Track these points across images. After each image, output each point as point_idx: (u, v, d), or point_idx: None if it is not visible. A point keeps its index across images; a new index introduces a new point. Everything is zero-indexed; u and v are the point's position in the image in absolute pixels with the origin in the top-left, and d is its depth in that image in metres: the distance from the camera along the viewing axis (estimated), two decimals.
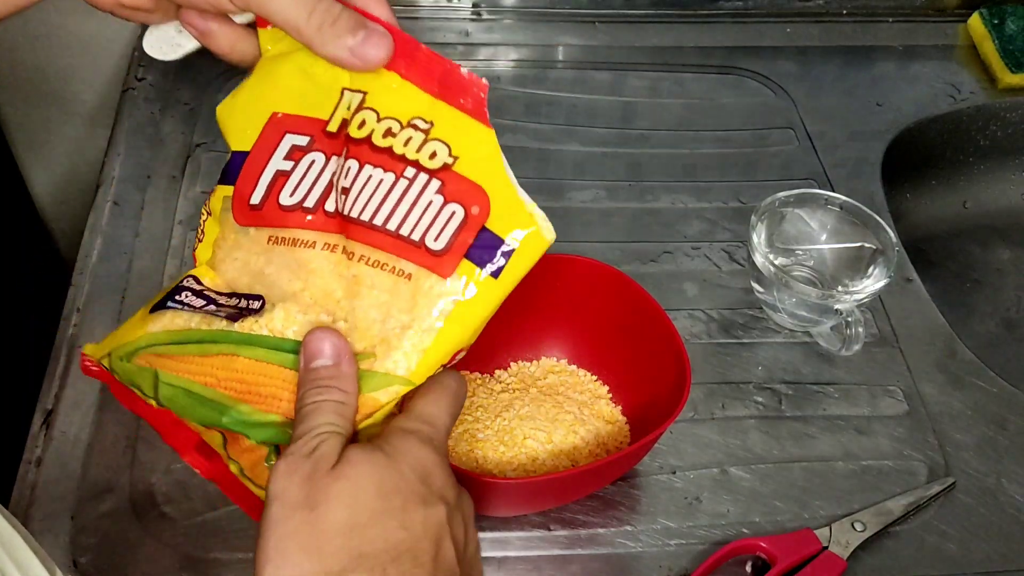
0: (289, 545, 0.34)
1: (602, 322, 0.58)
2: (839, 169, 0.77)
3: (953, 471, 0.59)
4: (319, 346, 0.38)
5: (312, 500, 0.35)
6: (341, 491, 0.35)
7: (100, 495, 0.53)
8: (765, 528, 0.56)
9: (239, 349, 0.39)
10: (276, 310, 0.40)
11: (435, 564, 0.36)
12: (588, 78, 0.82)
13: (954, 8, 0.93)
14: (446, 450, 0.40)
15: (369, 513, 0.35)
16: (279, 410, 0.39)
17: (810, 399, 0.62)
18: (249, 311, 0.40)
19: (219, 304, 0.41)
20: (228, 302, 0.41)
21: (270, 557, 0.34)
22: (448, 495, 0.38)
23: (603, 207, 0.73)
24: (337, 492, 0.35)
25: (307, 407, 0.37)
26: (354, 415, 0.38)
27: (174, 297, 0.42)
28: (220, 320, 0.40)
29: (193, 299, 0.42)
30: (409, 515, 0.36)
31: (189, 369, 0.40)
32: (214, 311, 0.41)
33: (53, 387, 0.58)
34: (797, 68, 0.86)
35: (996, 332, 0.81)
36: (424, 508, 0.36)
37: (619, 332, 0.57)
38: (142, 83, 0.77)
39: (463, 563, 0.38)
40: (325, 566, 0.34)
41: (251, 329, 0.39)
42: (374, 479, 0.36)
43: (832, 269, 0.66)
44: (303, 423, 0.37)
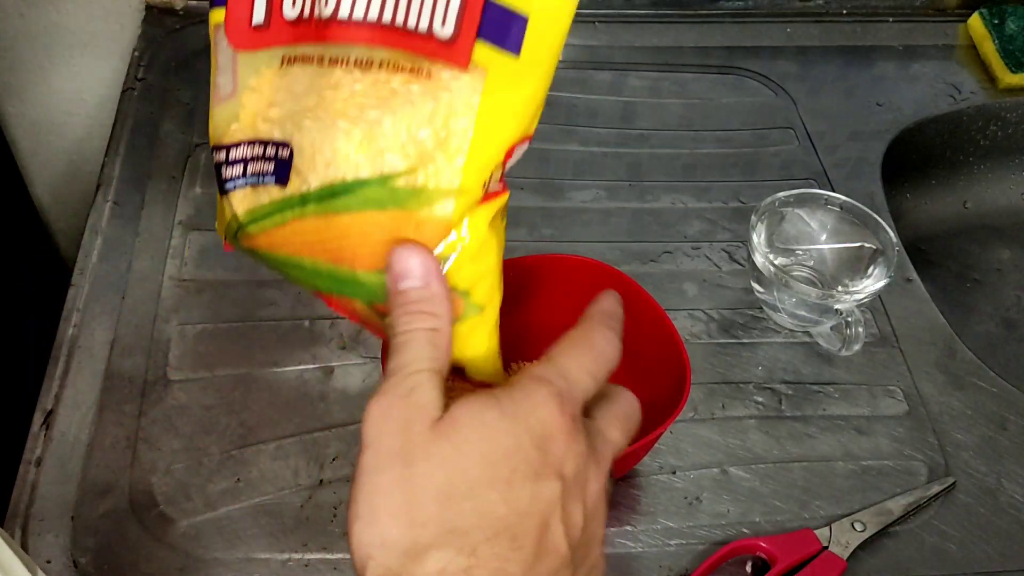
0: (379, 504, 0.31)
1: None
2: (839, 169, 0.77)
3: (953, 471, 0.59)
4: (405, 265, 0.35)
5: (408, 455, 0.32)
6: (441, 453, 0.32)
7: (100, 495, 0.53)
8: (765, 528, 0.56)
9: (303, 211, 0.37)
10: (307, 154, 0.37)
11: (538, 548, 0.32)
12: (588, 78, 0.82)
13: (954, 8, 0.93)
14: (577, 415, 0.35)
15: (469, 483, 0.31)
16: (365, 265, 0.36)
17: (810, 399, 0.62)
18: (285, 164, 0.38)
19: (259, 171, 0.39)
20: (263, 166, 0.39)
21: (359, 513, 0.32)
22: (567, 468, 0.33)
23: (603, 207, 0.73)
24: (437, 453, 0.32)
25: (399, 337, 0.34)
26: (449, 343, 0.35)
27: (223, 184, 0.40)
28: (272, 188, 0.38)
29: (236, 173, 0.40)
30: (515, 489, 0.32)
31: (271, 243, 0.39)
32: (258, 178, 0.39)
33: (53, 387, 0.58)
34: (797, 68, 0.86)
35: (996, 332, 0.81)
36: (534, 483, 0.32)
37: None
38: (142, 83, 0.77)
39: (577, 549, 0.33)
40: (412, 536, 0.31)
41: (300, 189, 0.37)
42: (481, 445, 0.32)
43: (832, 269, 0.66)
44: (396, 357, 0.34)
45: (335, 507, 0.54)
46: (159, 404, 0.57)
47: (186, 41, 0.81)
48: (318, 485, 0.55)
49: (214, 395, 0.58)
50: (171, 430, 0.56)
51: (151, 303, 0.62)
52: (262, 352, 0.60)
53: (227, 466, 0.55)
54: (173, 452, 0.55)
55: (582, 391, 0.35)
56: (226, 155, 0.40)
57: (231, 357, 0.60)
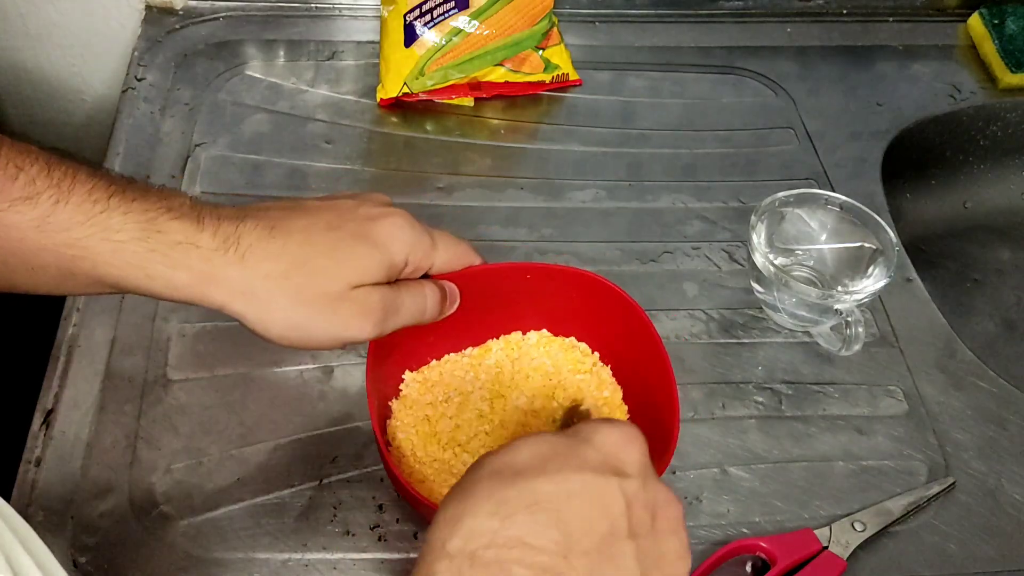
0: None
1: (603, 336, 0.58)
2: (839, 169, 0.77)
3: (953, 471, 0.59)
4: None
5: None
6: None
7: (100, 495, 0.53)
8: (765, 528, 0.56)
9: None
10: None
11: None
12: (588, 78, 0.82)
13: (954, 8, 0.93)
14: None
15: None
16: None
17: (810, 399, 0.62)
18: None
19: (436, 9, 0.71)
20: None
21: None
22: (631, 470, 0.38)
23: (603, 207, 0.73)
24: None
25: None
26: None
27: (413, 30, 0.73)
28: (453, 16, 0.74)
29: (421, 23, 0.74)
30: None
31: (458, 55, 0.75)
32: (443, 15, 0.73)
33: (53, 387, 0.58)
34: (797, 68, 0.86)
35: (996, 332, 0.81)
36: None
37: (616, 349, 0.57)
38: (142, 83, 0.77)
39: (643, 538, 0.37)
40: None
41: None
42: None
43: (832, 269, 0.66)
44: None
45: (335, 507, 0.54)
46: (159, 404, 0.57)
47: (186, 41, 0.81)
48: (318, 485, 0.55)
49: (214, 395, 0.58)
50: (171, 430, 0.56)
51: (151, 303, 0.62)
52: (262, 352, 0.60)
53: (227, 466, 0.55)
54: (173, 452, 0.55)
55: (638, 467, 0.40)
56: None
57: (231, 357, 0.60)
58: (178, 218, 0.44)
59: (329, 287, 0.45)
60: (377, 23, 0.82)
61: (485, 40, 0.76)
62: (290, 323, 0.45)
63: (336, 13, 0.85)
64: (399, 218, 0.48)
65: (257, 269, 0.44)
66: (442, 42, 0.75)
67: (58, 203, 0.42)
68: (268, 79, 0.78)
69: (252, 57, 0.80)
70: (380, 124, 0.77)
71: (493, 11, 0.75)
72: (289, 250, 0.45)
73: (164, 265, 0.43)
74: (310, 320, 0.45)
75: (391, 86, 0.76)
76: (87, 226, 0.42)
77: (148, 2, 0.83)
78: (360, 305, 0.46)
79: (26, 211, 0.41)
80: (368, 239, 0.47)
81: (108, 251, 0.43)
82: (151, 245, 0.43)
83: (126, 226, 0.43)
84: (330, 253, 0.46)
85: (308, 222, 0.46)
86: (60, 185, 0.42)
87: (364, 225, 0.47)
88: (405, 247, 0.48)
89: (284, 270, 0.45)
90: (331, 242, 0.46)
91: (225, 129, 0.74)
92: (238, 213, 0.46)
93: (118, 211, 0.43)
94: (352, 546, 0.53)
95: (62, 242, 0.42)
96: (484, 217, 0.70)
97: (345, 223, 0.47)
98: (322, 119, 0.76)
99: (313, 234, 0.46)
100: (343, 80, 0.79)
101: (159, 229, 0.43)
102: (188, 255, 0.43)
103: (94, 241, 0.42)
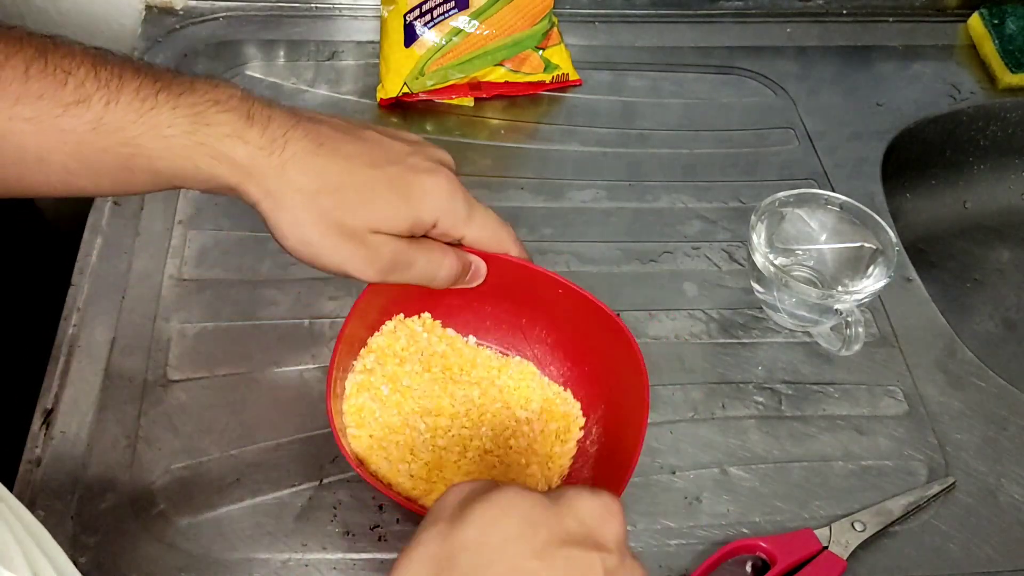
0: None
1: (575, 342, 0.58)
2: (839, 169, 0.77)
3: (953, 471, 0.59)
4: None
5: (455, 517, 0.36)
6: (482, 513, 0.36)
7: (100, 495, 0.53)
8: (765, 528, 0.56)
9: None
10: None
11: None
12: (588, 78, 0.82)
13: (954, 8, 0.93)
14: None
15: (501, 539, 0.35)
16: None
17: (810, 399, 0.62)
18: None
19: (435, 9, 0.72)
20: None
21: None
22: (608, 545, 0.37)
23: (603, 207, 0.73)
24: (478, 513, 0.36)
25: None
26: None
27: (413, 30, 0.72)
28: (453, 16, 0.74)
29: (421, 23, 0.74)
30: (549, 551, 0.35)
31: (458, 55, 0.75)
32: (443, 15, 0.72)
33: (53, 387, 0.58)
34: (797, 68, 0.86)
35: (996, 332, 0.81)
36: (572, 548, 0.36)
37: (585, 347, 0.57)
38: None
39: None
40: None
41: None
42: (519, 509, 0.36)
43: (832, 269, 0.66)
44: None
45: (335, 507, 0.54)
46: (159, 404, 0.57)
47: (186, 41, 0.81)
48: (318, 485, 0.55)
49: (214, 395, 0.58)
50: (171, 430, 0.56)
51: (151, 302, 0.62)
52: (262, 352, 0.60)
53: (227, 466, 0.55)
54: (173, 452, 0.55)
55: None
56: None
57: (231, 357, 0.60)
58: (227, 111, 0.44)
59: (349, 222, 0.46)
60: (377, 23, 0.82)
61: (485, 40, 0.76)
62: (304, 238, 0.46)
63: (336, 13, 0.85)
64: (443, 179, 0.48)
65: (293, 181, 0.45)
66: (442, 42, 0.75)
67: (109, 104, 0.42)
68: (268, 79, 0.78)
69: (252, 57, 0.80)
70: (380, 124, 0.77)
71: (493, 11, 0.75)
72: (327, 173, 0.46)
73: (210, 157, 0.44)
74: (321, 242, 0.46)
75: (391, 86, 0.76)
76: (139, 124, 0.43)
77: (148, 2, 0.83)
78: (371, 250, 0.47)
79: (80, 114, 0.42)
80: (403, 190, 0.47)
81: (161, 147, 0.43)
82: (199, 138, 0.44)
83: (176, 120, 0.43)
84: (362, 190, 0.46)
85: (356, 151, 0.47)
86: (109, 85, 0.43)
87: (406, 174, 0.47)
88: (437, 209, 0.48)
89: (316, 190, 0.45)
90: (367, 180, 0.46)
91: None
92: (291, 116, 0.46)
93: (167, 106, 0.43)
94: (352, 546, 0.53)
95: (118, 141, 0.43)
96: None
97: (389, 166, 0.47)
98: None
99: (355, 165, 0.46)
100: (343, 80, 0.79)
101: (207, 122, 0.44)
102: (234, 149, 0.44)
103: (147, 138, 0.43)
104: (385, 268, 0.47)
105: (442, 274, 0.50)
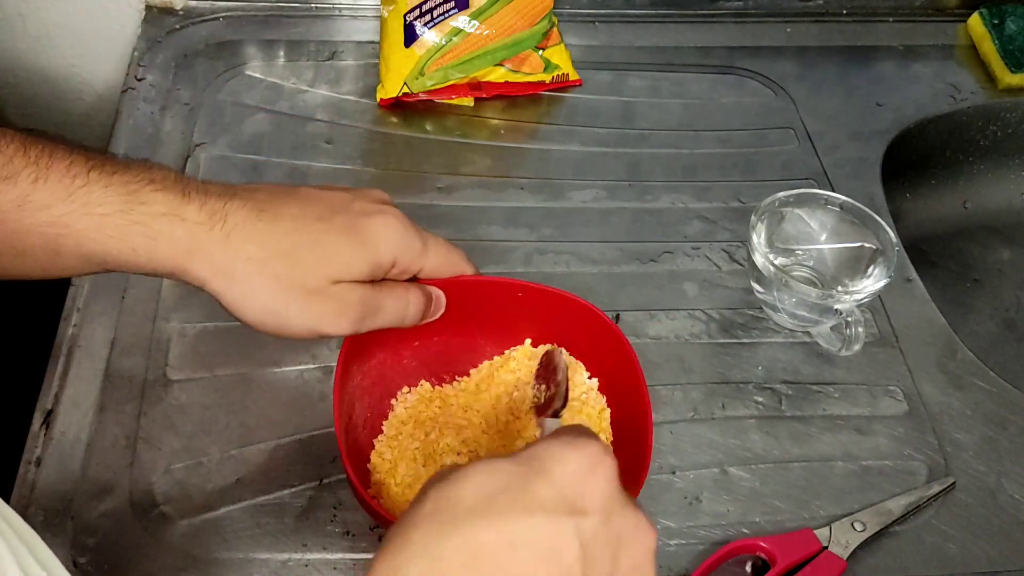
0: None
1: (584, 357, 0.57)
2: (839, 169, 0.77)
3: (953, 471, 0.59)
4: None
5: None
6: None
7: (100, 495, 0.53)
8: (765, 528, 0.56)
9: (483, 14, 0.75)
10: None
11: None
12: (588, 78, 0.82)
13: (954, 8, 0.93)
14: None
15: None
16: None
17: (810, 399, 0.62)
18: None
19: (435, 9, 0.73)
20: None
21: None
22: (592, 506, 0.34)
23: (603, 207, 0.73)
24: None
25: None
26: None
27: (413, 30, 0.73)
28: (453, 16, 0.74)
29: (421, 23, 0.74)
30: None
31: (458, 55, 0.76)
32: (443, 15, 0.73)
33: (53, 387, 0.58)
34: (797, 68, 0.86)
35: (996, 332, 0.81)
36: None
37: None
38: (142, 83, 0.77)
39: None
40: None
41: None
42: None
43: (832, 269, 0.66)
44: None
45: (335, 507, 0.54)
46: (159, 404, 0.57)
47: (186, 41, 0.81)
48: (318, 485, 0.55)
49: (214, 395, 0.58)
50: (171, 430, 0.56)
51: (151, 302, 0.62)
52: (262, 352, 0.60)
53: (227, 466, 0.55)
54: (173, 452, 0.55)
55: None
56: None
57: (231, 357, 0.60)
58: (162, 190, 0.43)
59: (309, 280, 0.45)
60: (377, 23, 0.82)
61: (485, 40, 0.76)
62: (267, 309, 0.45)
63: (336, 13, 0.85)
64: (392, 218, 0.47)
65: (240, 251, 0.44)
66: (442, 42, 0.75)
67: (37, 180, 0.41)
68: (268, 79, 0.78)
69: (252, 57, 0.80)
70: (380, 124, 0.77)
71: (493, 11, 0.75)
72: (275, 236, 0.44)
73: (147, 237, 0.42)
74: (287, 308, 0.45)
75: (391, 86, 0.76)
76: (68, 202, 0.41)
77: (148, 2, 0.83)
78: (338, 302, 0.45)
79: (6, 191, 0.41)
80: (356, 236, 0.46)
81: (92, 226, 0.42)
82: (134, 217, 0.42)
83: (108, 199, 0.42)
84: (315, 245, 0.45)
85: (298, 210, 0.46)
86: (38, 163, 0.41)
87: (355, 220, 0.46)
88: (394, 248, 0.47)
89: (267, 256, 0.44)
90: (317, 234, 0.45)
91: (225, 129, 0.74)
92: (226, 190, 0.45)
93: (99, 184, 0.42)
94: (352, 546, 0.53)
95: (45, 220, 0.41)
96: (484, 217, 0.70)
97: (336, 216, 0.46)
98: (322, 119, 0.76)
99: (301, 223, 0.45)
100: (343, 80, 0.79)
101: (142, 201, 0.42)
102: (173, 227, 0.43)
103: (76, 217, 0.42)
104: (356, 317, 0.46)
105: (411, 311, 0.49)
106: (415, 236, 0.49)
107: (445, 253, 0.51)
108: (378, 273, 0.47)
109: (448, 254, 0.51)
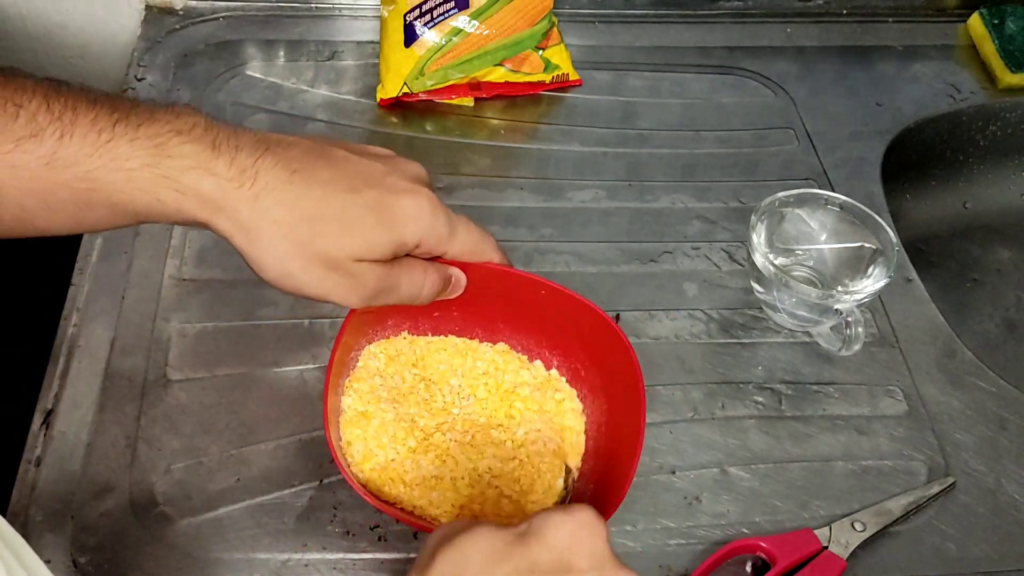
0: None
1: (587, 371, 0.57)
2: (839, 169, 0.77)
3: (953, 471, 0.59)
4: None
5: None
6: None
7: (100, 495, 0.53)
8: (765, 528, 0.56)
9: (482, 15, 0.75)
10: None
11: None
12: (588, 78, 0.82)
13: (954, 8, 0.93)
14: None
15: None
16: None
17: (810, 399, 0.62)
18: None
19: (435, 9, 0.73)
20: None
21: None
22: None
23: (603, 207, 0.73)
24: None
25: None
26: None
27: (413, 30, 0.73)
28: (453, 16, 0.74)
29: (421, 23, 0.74)
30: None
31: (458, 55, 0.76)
32: (443, 15, 0.73)
33: (53, 387, 0.58)
34: (797, 68, 0.86)
35: (996, 332, 0.81)
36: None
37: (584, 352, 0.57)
38: (142, 83, 0.77)
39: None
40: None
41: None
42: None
43: (832, 269, 0.66)
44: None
45: (335, 507, 0.54)
46: (159, 404, 0.57)
47: (186, 41, 0.81)
48: (318, 485, 0.55)
49: (214, 395, 0.58)
50: (171, 430, 0.56)
51: (151, 303, 0.62)
52: (262, 352, 0.60)
53: (227, 466, 0.55)
54: (173, 452, 0.55)
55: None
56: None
57: (231, 357, 0.60)
58: (190, 141, 0.43)
59: (331, 252, 0.45)
60: (377, 23, 0.82)
61: (485, 40, 0.76)
62: (286, 272, 0.45)
63: (336, 13, 0.85)
64: (423, 199, 0.47)
65: (268, 212, 0.44)
66: (442, 42, 0.75)
67: (63, 137, 0.41)
68: (268, 79, 0.78)
69: (252, 57, 0.80)
70: (380, 124, 0.77)
71: (493, 11, 0.75)
72: (304, 202, 0.44)
73: (175, 191, 0.42)
74: (304, 275, 0.45)
75: (391, 86, 0.76)
76: (95, 158, 0.41)
77: (148, 2, 0.83)
78: (355, 279, 0.46)
79: (32, 149, 0.40)
80: (384, 215, 0.46)
81: (120, 180, 0.42)
82: (162, 171, 0.42)
83: (135, 153, 0.42)
84: (342, 218, 0.45)
85: (331, 176, 0.45)
86: (62, 118, 0.41)
87: (385, 197, 0.46)
88: (420, 231, 0.47)
89: (293, 221, 0.44)
90: (347, 207, 0.45)
91: None
92: (259, 143, 0.44)
93: (124, 138, 0.42)
94: (352, 546, 0.53)
95: (73, 176, 0.41)
96: (484, 217, 0.70)
97: (367, 189, 0.46)
98: (322, 119, 0.76)
99: (331, 191, 0.45)
100: (343, 80, 0.79)
101: (169, 154, 0.42)
102: (201, 181, 0.43)
103: (104, 172, 0.41)
104: (369, 295, 0.46)
105: (424, 292, 0.49)
106: (444, 221, 0.48)
107: (474, 240, 0.51)
108: (400, 252, 0.47)
109: (477, 242, 0.51)
